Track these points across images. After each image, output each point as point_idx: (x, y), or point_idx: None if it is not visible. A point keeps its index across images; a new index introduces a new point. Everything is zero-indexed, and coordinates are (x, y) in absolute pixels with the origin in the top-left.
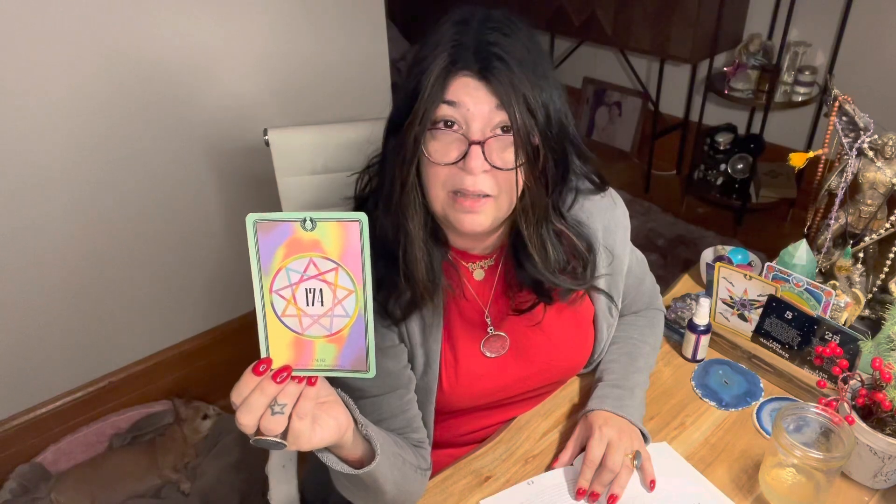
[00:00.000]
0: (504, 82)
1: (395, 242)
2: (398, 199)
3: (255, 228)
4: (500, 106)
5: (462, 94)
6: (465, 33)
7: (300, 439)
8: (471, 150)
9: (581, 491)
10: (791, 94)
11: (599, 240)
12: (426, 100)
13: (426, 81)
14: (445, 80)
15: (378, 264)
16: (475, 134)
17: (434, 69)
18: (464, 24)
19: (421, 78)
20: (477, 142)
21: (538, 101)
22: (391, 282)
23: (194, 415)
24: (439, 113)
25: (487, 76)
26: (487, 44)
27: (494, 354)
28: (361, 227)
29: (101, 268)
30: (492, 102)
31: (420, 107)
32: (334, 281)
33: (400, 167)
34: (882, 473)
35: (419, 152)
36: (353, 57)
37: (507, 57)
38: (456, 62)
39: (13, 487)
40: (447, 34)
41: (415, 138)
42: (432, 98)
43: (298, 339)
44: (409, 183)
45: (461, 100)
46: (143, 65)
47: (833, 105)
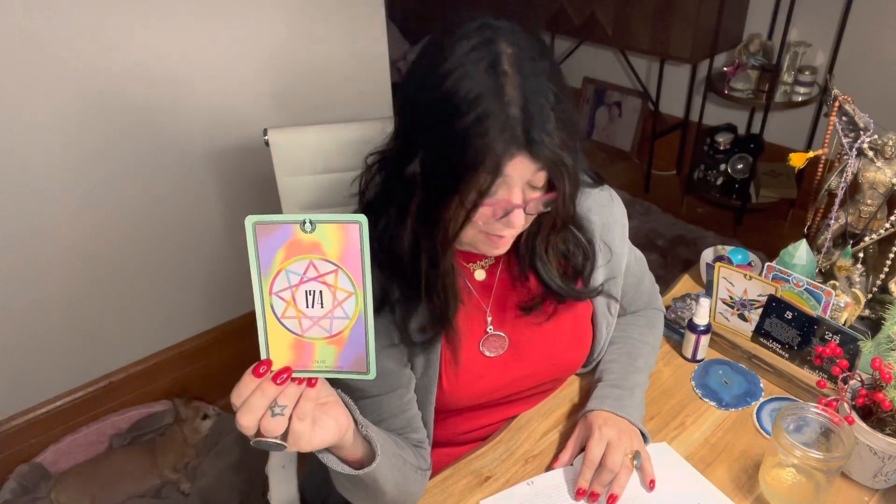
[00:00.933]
0: (551, 157)
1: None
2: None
3: (255, 230)
4: (540, 169)
5: (512, 169)
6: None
7: (300, 440)
8: (514, 212)
9: (581, 491)
10: (791, 94)
11: (598, 234)
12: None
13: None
14: (503, 163)
15: (394, 286)
16: (517, 197)
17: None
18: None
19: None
20: (520, 205)
21: (574, 158)
22: (407, 301)
23: (194, 415)
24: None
25: (535, 152)
26: (533, 118)
27: (493, 354)
28: (361, 229)
29: (102, 268)
30: (534, 168)
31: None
32: (334, 283)
33: (443, 234)
34: (882, 473)
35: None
36: (353, 57)
37: (552, 129)
38: (510, 142)
39: (13, 487)
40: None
41: (466, 217)
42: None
43: (298, 340)
44: (450, 249)
45: (510, 173)
46: (142, 65)
47: (833, 105)
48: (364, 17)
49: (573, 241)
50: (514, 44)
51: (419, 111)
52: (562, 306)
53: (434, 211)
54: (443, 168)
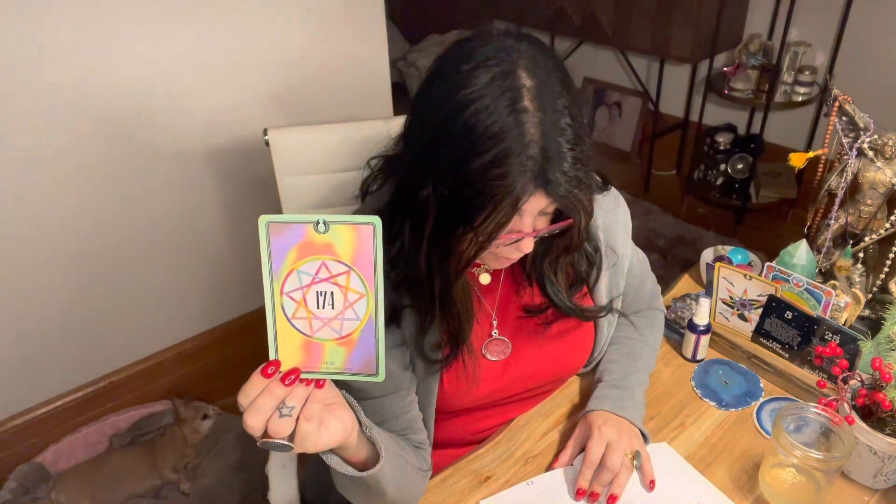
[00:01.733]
0: (566, 195)
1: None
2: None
3: (268, 230)
4: (553, 202)
5: (528, 205)
6: (527, 138)
7: (307, 441)
8: (525, 239)
9: (581, 491)
10: (791, 94)
11: (601, 237)
12: (501, 214)
13: (503, 202)
14: (520, 201)
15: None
16: (528, 226)
17: (509, 193)
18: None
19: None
20: (530, 234)
21: (589, 193)
22: (423, 316)
23: (194, 415)
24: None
25: (551, 191)
26: (551, 158)
27: (496, 358)
28: (375, 231)
29: (101, 268)
30: (548, 202)
31: (492, 219)
32: (346, 284)
33: (457, 262)
34: (882, 473)
35: None
36: (353, 57)
37: (569, 167)
38: (528, 184)
39: (13, 487)
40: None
41: (477, 251)
42: (507, 214)
43: (308, 341)
44: (463, 276)
45: (525, 209)
46: (143, 65)
47: (833, 105)
48: (364, 17)
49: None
50: (533, 74)
51: (435, 138)
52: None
53: (448, 239)
54: (460, 201)
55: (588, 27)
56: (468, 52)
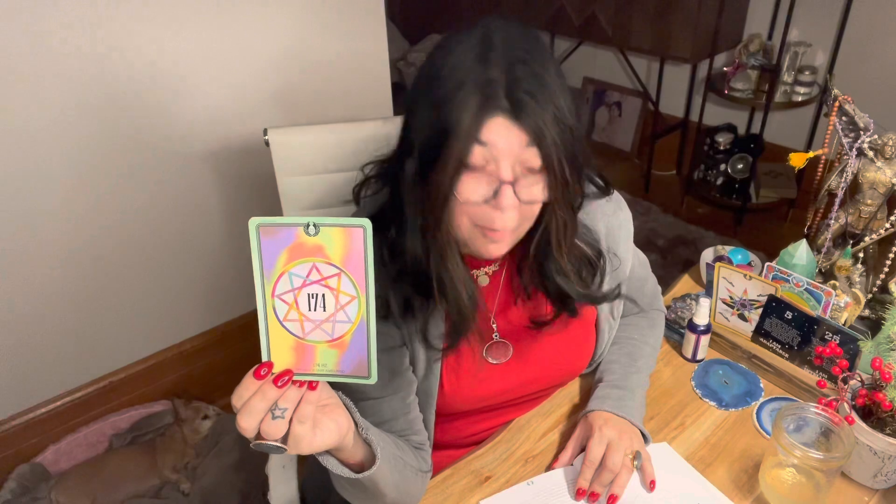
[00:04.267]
0: (537, 121)
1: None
2: (434, 240)
3: (258, 232)
4: (530, 143)
5: (494, 134)
6: (491, 66)
7: (300, 443)
8: (502, 190)
9: (581, 491)
10: (791, 94)
11: (602, 240)
12: (460, 143)
13: (459, 124)
14: (479, 122)
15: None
16: (506, 173)
17: (467, 110)
18: (486, 51)
19: (450, 117)
20: (508, 182)
21: (567, 135)
22: (425, 309)
23: (194, 415)
24: (472, 158)
25: (520, 116)
26: (518, 79)
27: (497, 361)
28: (365, 233)
29: (102, 268)
30: (523, 140)
31: (453, 150)
32: (337, 286)
33: (432, 210)
34: (882, 473)
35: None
36: (353, 57)
37: (538, 94)
38: (488, 103)
39: (13, 487)
40: (472, 67)
41: (449, 182)
42: (467, 142)
43: (300, 343)
44: (444, 224)
45: (493, 140)
46: (142, 64)
47: (833, 105)
48: (364, 17)
49: (581, 258)
50: (506, 30)
51: (413, 107)
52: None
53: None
54: (428, 142)
55: (588, 27)
56: (450, 34)
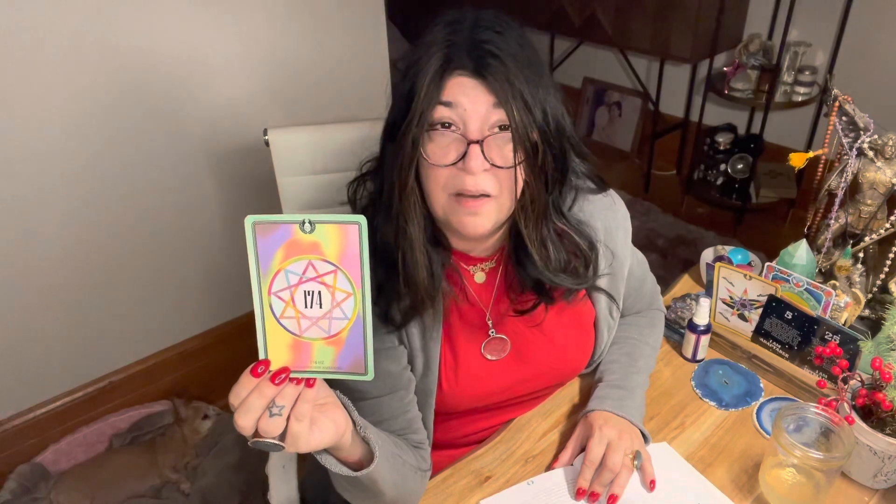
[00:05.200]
0: (500, 80)
1: (396, 248)
2: (398, 203)
3: (254, 230)
4: (497, 104)
5: (458, 93)
6: (457, 33)
7: (298, 441)
8: (469, 150)
9: (581, 491)
10: (791, 94)
11: (600, 239)
12: (422, 101)
13: (421, 82)
14: (441, 81)
15: (379, 271)
16: (473, 133)
17: (428, 70)
18: (456, 23)
19: (416, 80)
20: (475, 141)
21: (535, 97)
22: (392, 288)
23: (194, 415)
24: (436, 114)
25: (483, 74)
26: (481, 42)
27: (495, 357)
28: (360, 229)
29: (102, 267)
30: (489, 101)
31: (416, 108)
32: (333, 283)
33: (398, 171)
34: (882, 473)
35: (417, 155)
36: (353, 57)
37: (501, 54)
38: (450, 61)
39: (13, 487)
40: (439, 35)
41: (413, 141)
42: (428, 99)
43: (297, 340)
44: (409, 186)
45: (457, 100)
46: (142, 65)
47: (833, 105)
48: (364, 17)
49: (574, 247)
50: (481, 11)
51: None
52: (564, 310)
53: (396, 155)
54: (398, 107)
55: (588, 27)
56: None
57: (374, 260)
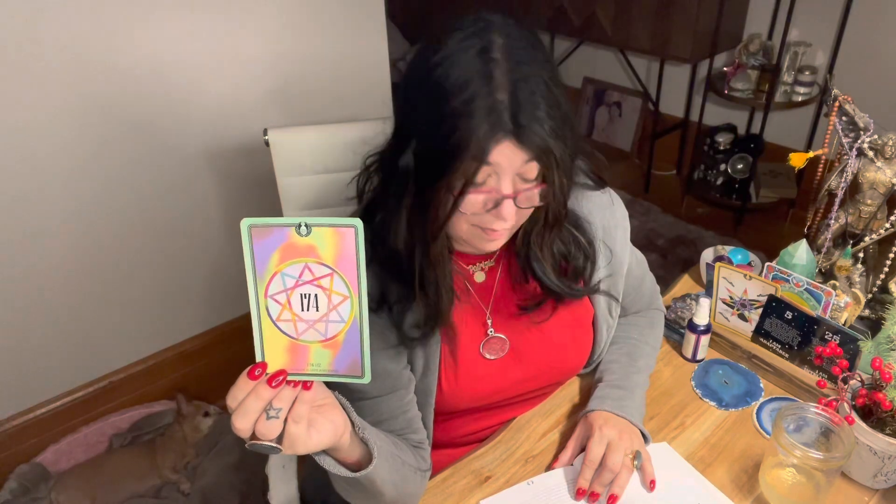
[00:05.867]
0: (539, 142)
1: (410, 264)
2: (428, 248)
3: (250, 233)
4: (530, 160)
5: (499, 155)
6: (496, 86)
7: (296, 443)
8: (503, 203)
9: (581, 491)
10: (791, 94)
11: (599, 236)
12: (468, 164)
13: (468, 148)
14: (487, 146)
15: (391, 284)
16: (507, 188)
17: (476, 135)
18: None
19: (460, 141)
20: (510, 196)
21: (566, 148)
22: (404, 298)
23: (196, 411)
24: (478, 177)
25: (523, 138)
26: (520, 103)
27: (494, 356)
28: (357, 233)
29: (102, 268)
30: (523, 158)
31: (459, 171)
32: (329, 286)
33: (433, 222)
34: (882, 473)
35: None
36: (353, 57)
37: (541, 114)
38: (495, 126)
39: (13, 487)
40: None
41: (454, 203)
42: (474, 163)
43: (293, 343)
44: (442, 237)
45: (497, 160)
46: (142, 66)
47: (833, 105)
48: (364, 17)
49: (574, 242)
50: (506, 34)
51: (412, 103)
52: (563, 309)
53: (424, 199)
54: (432, 154)
55: (588, 27)
56: (446, 26)
57: (384, 272)
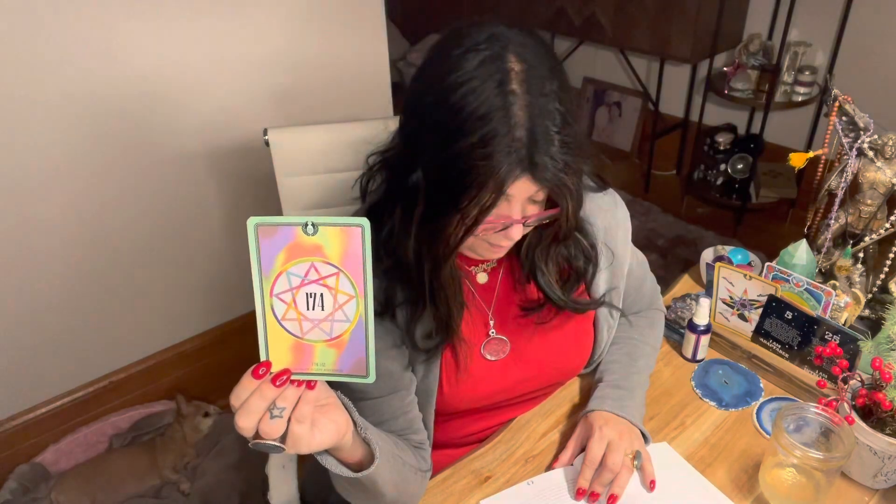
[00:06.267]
0: (552, 178)
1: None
2: (437, 268)
3: (257, 232)
4: (541, 189)
5: (514, 189)
6: (515, 123)
7: (299, 443)
8: (514, 227)
9: (581, 491)
10: (791, 94)
11: (601, 238)
12: (485, 196)
13: (487, 184)
14: (505, 182)
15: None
16: (516, 213)
17: (496, 173)
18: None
19: (479, 177)
20: (519, 221)
21: (579, 179)
22: (413, 306)
23: (196, 412)
24: (495, 209)
25: (538, 176)
26: (537, 143)
27: (495, 357)
28: (363, 232)
29: (101, 268)
30: (536, 188)
31: (475, 202)
32: (335, 286)
33: (445, 245)
34: (882, 473)
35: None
36: (353, 57)
37: (556, 152)
38: (514, 165)
39: (13, 487)
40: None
41: (465, 232)
42: (492, 198)
43: (298, 342)
44: (451, 260)
45: (512, 193)
46: (142, 65)
47: (833, 105)
48: (364, 17)
49: (575, 245)
50: (522, 59)
51: (425, 121)
52: (564, 311)
53: (435, 223)
54: (446, 184)
55: (588, 27)
56: (459, 38)
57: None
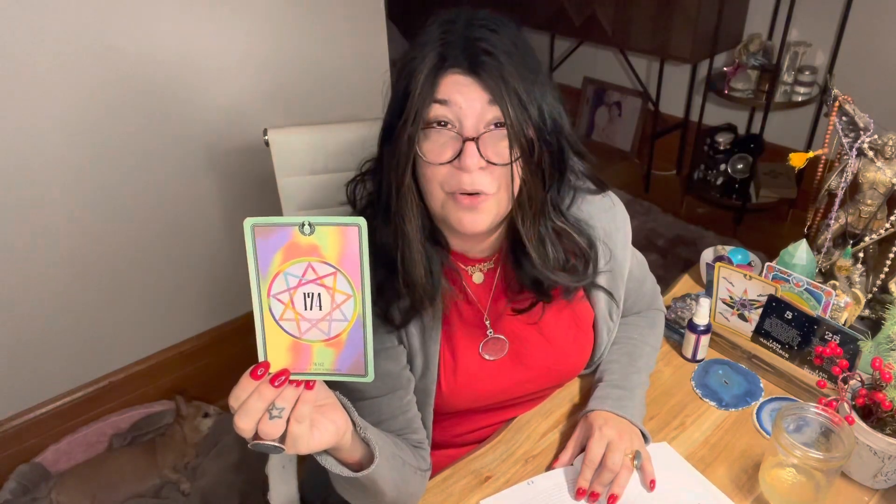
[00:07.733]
0: (494, 77)
1: (395, 247)
2: (395, 202)
3: (253, 232)
4: (492, 101)
5: (453, 91)
6: (451, 32)
7: (298, 443)
8: (465, 148)
9: (581, 491)
10: (791, 94)
11: (601, 239)
12: (417, 100)
13: (416, 81)
14: (435, 79)
15: (378, 271)
16: (469, 131)
17: (423, 68)
18: (450, 23)
19: (410, 78)
20: (471, 138)
21: (530, 94)
22: (392, 288)
23: (195, 412)
24: (431, 113)
25: (477, 71)
26: (475, 40)
27: (493, 357)
28: (360, 231)
29: (102, 267)
30: (483, 98)
31: (411, 107)
32: (333, 285)
33: (395, 170)
34: (882, 473)
35: (414, 153)
36: (353, 57)
37: (495, 51)
38: (445, 60)
39: (13, 487)
40: (433, 34)
41: (408, 139)
42: (423, 97)
43: (296, 343)
44: (406, 185)
45: (452, 98)
46: (142, 65)
47: (833, 105)
48: (364, 17)
49: (573, 245)
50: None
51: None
52: (563, 311)
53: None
54: (394, 106)
55: (588, 27)
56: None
57: (373, 260)
